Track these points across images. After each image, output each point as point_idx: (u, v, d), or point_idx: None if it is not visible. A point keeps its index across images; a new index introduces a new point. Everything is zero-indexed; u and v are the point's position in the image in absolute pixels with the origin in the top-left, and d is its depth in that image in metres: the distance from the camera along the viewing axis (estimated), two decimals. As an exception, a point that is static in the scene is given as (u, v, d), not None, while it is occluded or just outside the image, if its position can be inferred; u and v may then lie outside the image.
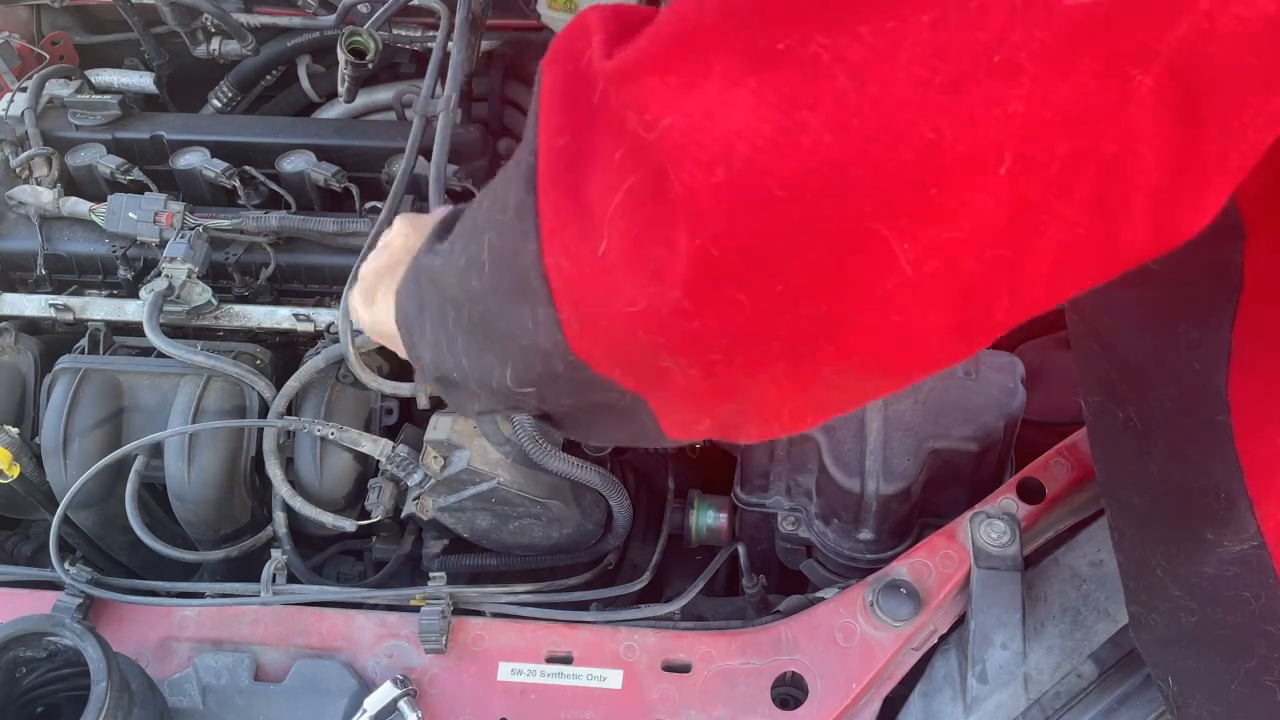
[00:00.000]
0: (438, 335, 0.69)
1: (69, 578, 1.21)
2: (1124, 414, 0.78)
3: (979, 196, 0.45)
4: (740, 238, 0.47)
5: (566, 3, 1.47)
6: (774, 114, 0.45)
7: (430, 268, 0.69)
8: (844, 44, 0.44)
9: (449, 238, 0.68)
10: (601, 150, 0.51)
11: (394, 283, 0.80)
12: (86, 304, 1.40)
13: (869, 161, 0.45)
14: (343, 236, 1.38)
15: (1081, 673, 1.10)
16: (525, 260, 0.55)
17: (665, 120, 0.47)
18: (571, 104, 0.53)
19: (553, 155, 0.53)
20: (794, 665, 1.13)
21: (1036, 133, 0.44)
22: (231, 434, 1.27)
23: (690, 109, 0.47)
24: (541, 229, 0.53)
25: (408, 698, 1.11)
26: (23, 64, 1.60)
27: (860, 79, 0.44)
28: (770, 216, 0.46)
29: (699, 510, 1.35)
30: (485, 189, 0.64)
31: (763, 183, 0.46)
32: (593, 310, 0.54)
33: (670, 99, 0.47)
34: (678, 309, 0.50)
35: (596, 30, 0.53)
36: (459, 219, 0.68)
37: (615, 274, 0.51)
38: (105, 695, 0.96)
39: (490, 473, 1.20)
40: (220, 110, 1.69)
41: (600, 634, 1.18)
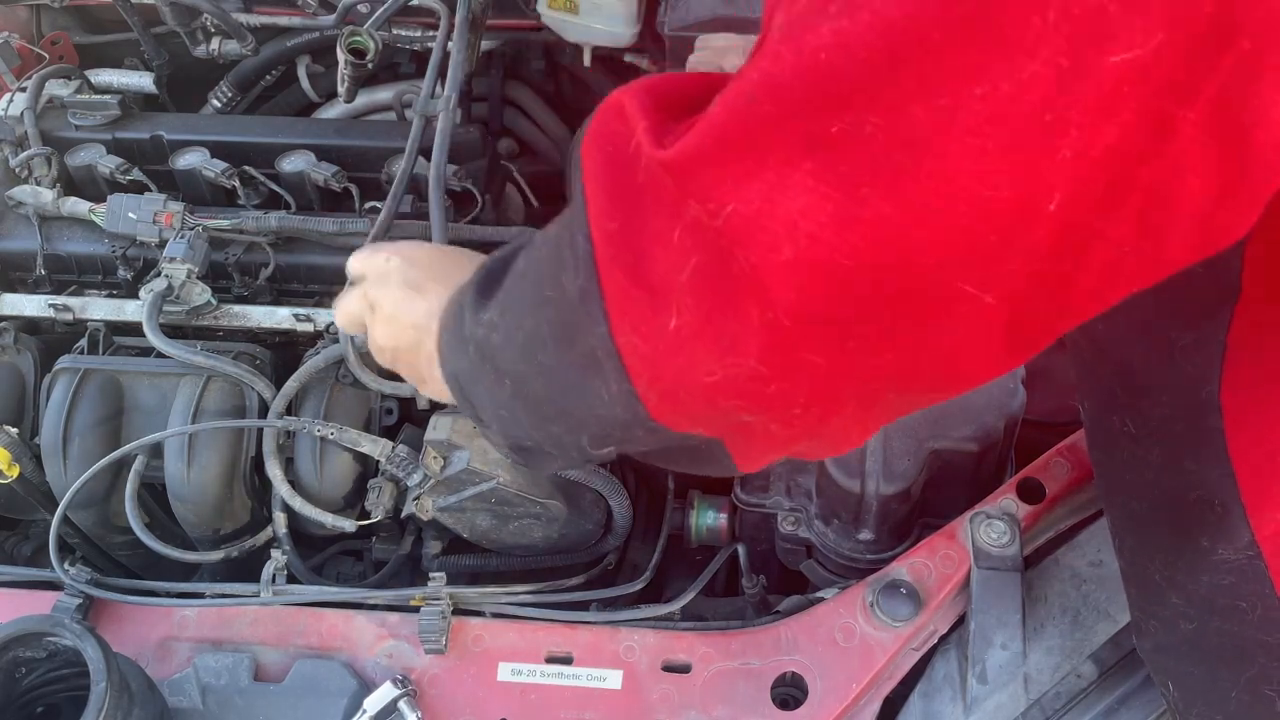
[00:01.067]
0: (499, 407, 0.71)
1: (69, 578, 1.21)
2: (1120, 420, 0.79)
3: (1032, 232, 0.48)
4: (811, 307, 0.50)
5: (566, 2, 1.47)
6: (834, 192, 0.48)
7: (480, 339, 0.70)
8: (898, 123, 0.46)
9: (492, 305, 0.69)
10: (658, 232, 0.53)
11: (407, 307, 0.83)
12: (86, 304, 1.40)
13: (929, 225, 0.47)
14: (342, 236, 1.38)
15: (1081, 673, 1.10)
16: (594, 340, 0.58)
17: (729, 207, 0.50)
18: (619, 188, 0.55)
19: (607, 239, 0.56)
20: (794, 665, 1.13)
21: (1083, 171, 0.46)
22: (231, 434, 1.27)
23: (752, 195, 0.49)
24: (609, 311, 0.56)
25: (407, 698, 1.11)
26: (22, 64, 1.60)
27: (916, 153, 0.46)
28: (838, 285, 0.50)
29: (699, 510, 1.35)
30: (528, 257, 0.66)
31: (829, 256, 0.49)
32: (671, 383, 0.57)
33: (732, 188, 0.50)
34: (755, 376, 0.53)
35: (637, 116, 0.55)
36: (500, 286, 0.70)
37: (690, 348, 0.54)
38: (105, 695, 0.96)
39: (490, 473, 1.20)
40: (220, 110, 1.69)
41: (600, 634, 1.18)
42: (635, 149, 0.54)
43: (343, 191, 1.41)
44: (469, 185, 1.41)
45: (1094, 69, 0.44)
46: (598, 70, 1.66)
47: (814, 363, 0.52)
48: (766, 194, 0.49)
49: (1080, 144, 0.45)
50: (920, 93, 0.46)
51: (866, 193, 0.47)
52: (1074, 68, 0.44)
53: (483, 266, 0.74)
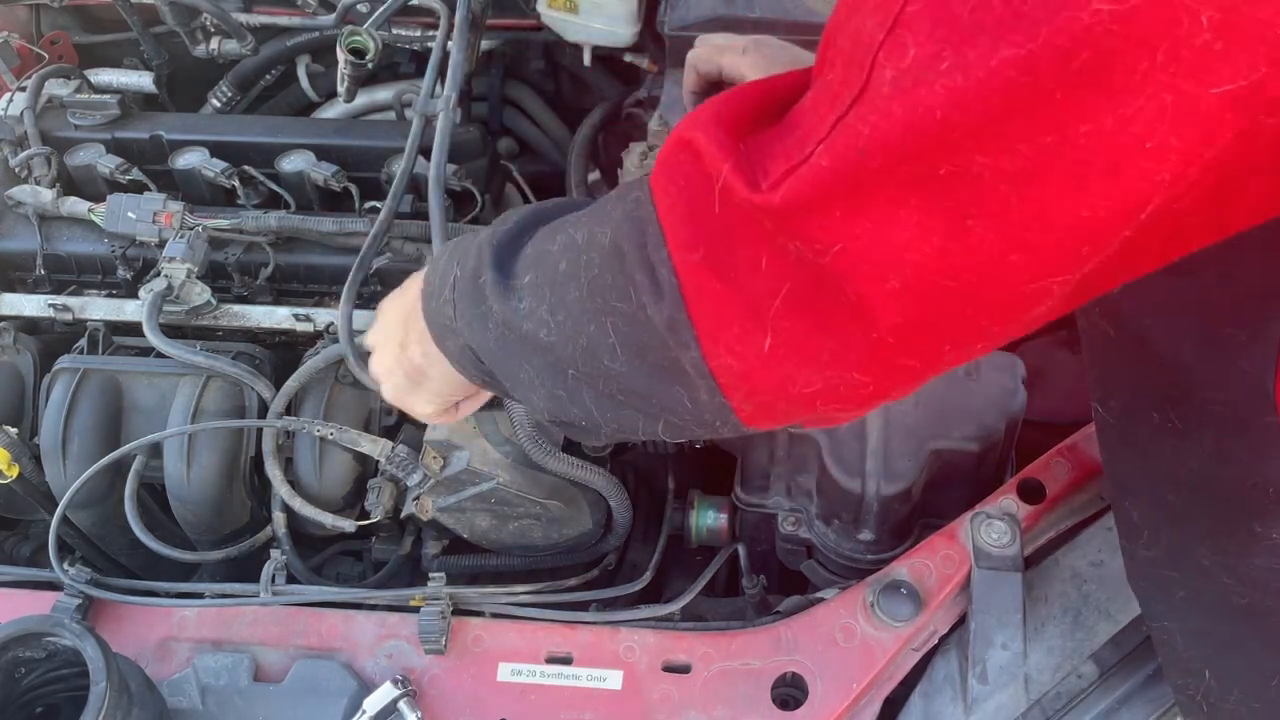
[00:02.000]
0: (554, 389, 0.71)
1: (68, 578, 1.21)
2: (1163, 416, 0.80)
3: (1122, 235, 0.51)
4: (914, 325, 0.55)
5: (566, 2, 1.47)
6: (940, 225, 0.51)
7: (516, 325, 0.70)
8: (1004, 160, 0.49)
9: (524, 293, 0.70)
10: (748, 262, 0.57)
11: (419, 325, 0.82)
12: (86, 304, 1.40)
13: (1029, 247, 0.51)
14: (342, 236, 1.38)
15: (1082, 673, 1.10)
16: (685, 363, 0.61)
17: (836, 247, 0.53)
18: (702, 223, 0.58)
19: (692, 270, 0.58)
20: (794, 666, 1.13)
21: (1179, 187, 0.49)
22: (231, 434, 1.27)
23: (858, 233, 0.52)
24: (701, 338, 0.59)
25: (407, 698, 1.11)
26: (22, 64, 1.60)
27: (1021, 186, 0.49)
28: (940, 304, 0.54)
29: (699, 510, 1.35)
30: (570, 258, 0.67)
31: (934, 281, 0.52)
32: (768, 397, 0.60)
33: (839, 230, 0.53)
34: (855, 384, 0.58)
35: (717, 156, 0.56)
36: (525, 271, 0.70)
37: (787, 365, 0.58)
38: (104, 695, 0.96)
39: (490, 473, 1.20)
40: (220, 110, 1.69)
41: (600, 634, 1.17)
42: (724, 190, 0.56)
43: (342, 191, 1.41)
44: (469, 185, 1.41)
45: (1197, 100, 0.46)
46: (598, 70, 1.66)
47: (911, 366, 0.57)
48: (873, 232, 0.52)
49: (1179, 166, 0.47)
50: (1028, 133, 0.48)
51: (971, 224, 0.51)
52: (1177, 101, 0.46)
53: (490, 242, 0.74)
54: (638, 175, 1.32)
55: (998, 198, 0.50)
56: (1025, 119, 0.47)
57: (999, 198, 0.50)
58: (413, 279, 0.88)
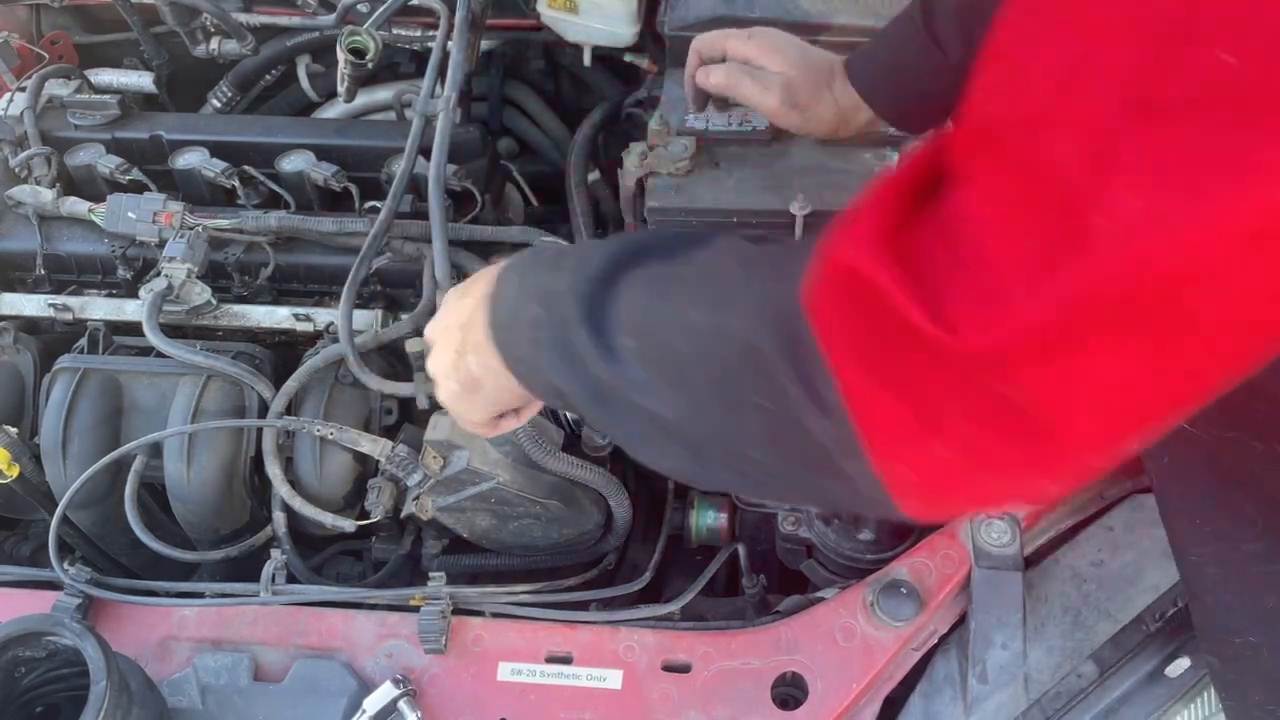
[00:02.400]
0: (676, 456, 0.70)
1: (68, 578, 1.21)
2: (1265, 445, 0.81)
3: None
4: (1113, 444, 0.54)
5: (567, 2, 1.47)
6: (1156, 366, 0.50)
7: (623, 391, 0.67)
8: (1237, 312, 0.48)
9: (629, 362, 0.66)
10: (923, 382, 0.53)
11: (477, 337, 0.80)
12: (86, 304, 1.40)
13: (1229, 369, 0.51)
14: (342, 236, 1.38)
15: (1082, 673, 1.10)
16: (849, 468, 0.57)
17: (1039, 391, 0.51)
18: (870, 345, 0.53)
19: (861, 388, 0.54)
20: (794, 665, 1.13)
21: None
22: (231, 434, 1.27)
23: (1064, 377, 0.50)
24: (871, 451, 0.55)
25: (407, 698, 1.11)
26: (22, 64, 1.60)
27: (1253, 333, 0.49)
28: (1145, 428, 0.53)
29: (699, 510, 1.35)
30: (693, 344, 0.63)
31: (1142, 414, 0.52)
32: (942, 500, 0.59)
33: (1043, 376, 0.50)
34: (1040, 489, 0.57)
35: (892, 287, 0.51)
36: (631, 326, 0.66)
37: (971, 476, 0.55)
38: (105, 695, 0.96)
39: (490, 473, 1.20)
40: (220, 110, 1.69)
41: (600, 634, 1.17)
42: (906, 325, 0.51)
43: (342, 191, 1.41)
44: (469, 185, 1.41)
45: None
46: (598, 70, 1.66)
47: (1102, 467, 0.55)
48: (1080, 374, 0.50)
49: None
50: (1267, 283, 0.47)
51: (1193, 367, 0.50)
52: None
53: (576, 292, 0.69)
54: (637, 175, 1.33)
55: (1225, 343, 0.49)
56: (1265, 267, 0.45)
57: (1226, 343, 0.49)
58: (475, 281, 0.86)
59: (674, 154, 1.31)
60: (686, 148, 1.31)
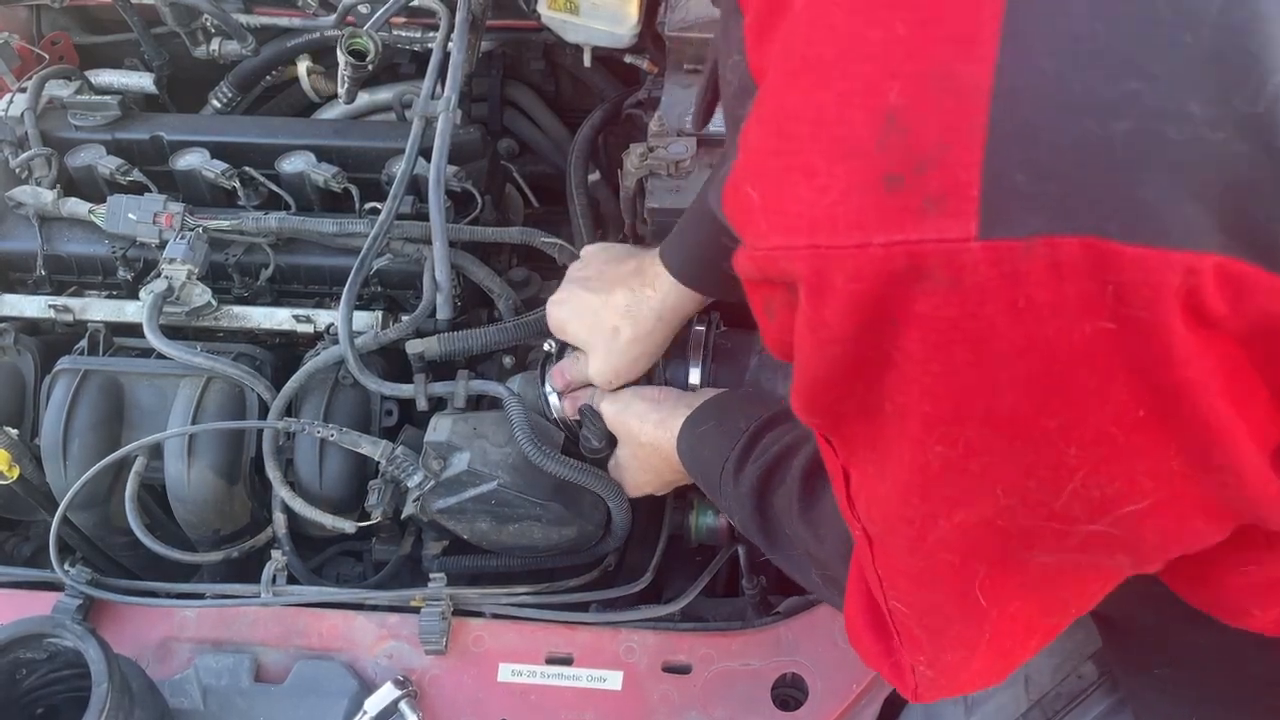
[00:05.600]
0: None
1: (69, 579, 1.21)
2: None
3: None
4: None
5: (567, 3, 1.47)
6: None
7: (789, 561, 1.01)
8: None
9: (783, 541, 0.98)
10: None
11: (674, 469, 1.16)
12: (86, 305, 1.40)
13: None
14: (342, 237, 1.38)
15: (1082, 674, 1.10)
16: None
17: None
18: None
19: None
20: (794, 666, 1.13)
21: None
22: (231, 435, 1.27)
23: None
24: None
25: (408, 699, 1.11)
26: (22, 64, 1.60)
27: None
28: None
29: (699, 511, 1.35)
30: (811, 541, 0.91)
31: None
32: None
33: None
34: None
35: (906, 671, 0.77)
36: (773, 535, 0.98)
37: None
38: (106, 696, 0.96)
39: (490, 474, 1.20)
40: (220, 111, 1.69)
41: (600, 635, 1.18)
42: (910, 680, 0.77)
43: (342, 192, 1.41)
44: (469, 186, 1.41)
45: None
46: (598, 71, 1.66)
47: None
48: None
49: None
50: None
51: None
52: None
53: (751, 496, 0.99)
54: (637, 176, 1.33)
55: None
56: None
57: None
58: (641, 435, 1.17)
59: (674, 154, 1.31)
60: (687, 148, 1.31)
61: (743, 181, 0.57)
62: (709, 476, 1.06)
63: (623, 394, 1.21)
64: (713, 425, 1.09)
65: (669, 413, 1.14)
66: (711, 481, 1.05)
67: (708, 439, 1.08)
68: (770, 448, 0.99)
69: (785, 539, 0.97)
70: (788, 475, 0.94)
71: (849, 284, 0.52)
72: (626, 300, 1.16)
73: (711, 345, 1.23)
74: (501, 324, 1.32)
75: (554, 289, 1.25)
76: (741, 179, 0.57)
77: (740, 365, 1.22)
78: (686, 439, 1.11)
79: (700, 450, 1.09)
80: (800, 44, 0.55)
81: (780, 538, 0.97)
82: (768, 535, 0.99)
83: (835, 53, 0.53)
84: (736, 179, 0.58)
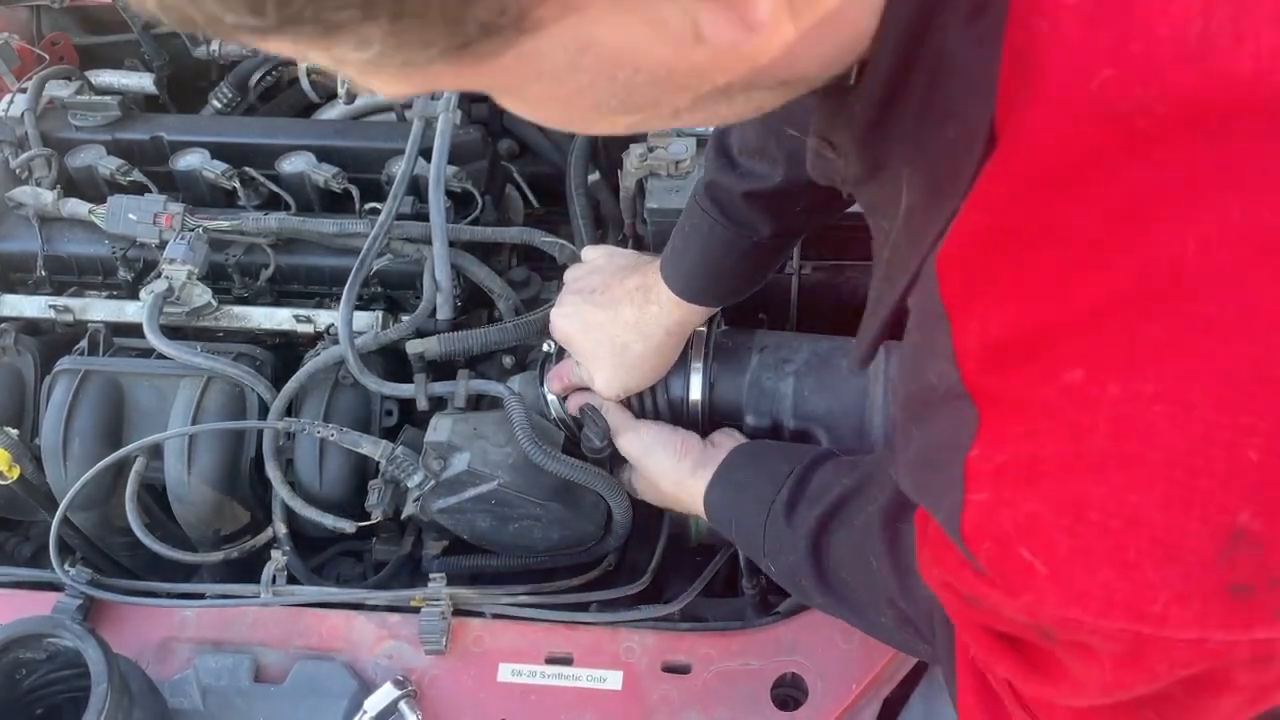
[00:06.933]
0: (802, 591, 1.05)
1: (69, 579, 1.21)
2: None
3: None
4: None
5: (566, 4, 1.47)
6: None
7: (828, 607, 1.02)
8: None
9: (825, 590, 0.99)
10: None
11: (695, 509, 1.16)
12: (86, 305, 1.40)
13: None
14: (342, 237, 1.38)
15: (1081, 674, 1.10)
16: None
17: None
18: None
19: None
20: (794, 666, 1.13)
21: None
22: (231, 435, 1.27)
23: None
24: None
25: (408, 699, 1.11)
26: (22, 64, 1.60)
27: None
28: None
29: (699, 511, 1.35)
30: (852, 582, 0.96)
31: None
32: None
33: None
34: None
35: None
36: (838, 584, 0.98)
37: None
38: (106, 697, 0.96)
39: (490, 474, 1.20)
40: (220, 111, 1.69)
41: (600, 635, 1.18)
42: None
43: (343, 193, 1.41)
44: (469, 186, 1.41)
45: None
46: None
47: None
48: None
49: None
50: None
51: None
52: None
53: (808, 552, 0.99)
54: (637, 176, 1.33)
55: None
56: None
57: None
58: (663, 484, 1.19)
59: (674, 154, 1.31)
60: (687, 148, 1.31)
61: (1013, 541, 0.55)
62: (747, 522, 1.06)
63: (642, 430, 1.20)
64: (750, 472, 1.10)
65: (695, 466, 1.15)
66: (750, 527, 1.05)
67: (746, 485, 1.08)
68: (828, 489, 0.99)
69: (843, 582, 0.96)
70: (856, 518, 0.94)
71: (1168, 665, 0.54)
72: (634, 316, 1.16)
73: (713, 344, 1.23)
74: (502, 324, 1.33)
75: (554, 289, 1.25)
76: (1010, 537, 0.56)
77: (741, 364, 1.22)
78: (719, 487, 1.11)
79: (738, 496, 1.09)
80: (1100, 434, 0.52)
81: (836, 581, 0.97)
82: (821, 579, 0.98)
83: (1160, 459, 0.50)
84: (1000, 533, 0.56)
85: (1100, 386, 0.51)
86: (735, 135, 1.04)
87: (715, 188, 1.06)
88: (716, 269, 1.12)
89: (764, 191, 1.02)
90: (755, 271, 1.14)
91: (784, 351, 1.23)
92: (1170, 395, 0.50)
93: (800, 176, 0.96)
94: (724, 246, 1.09)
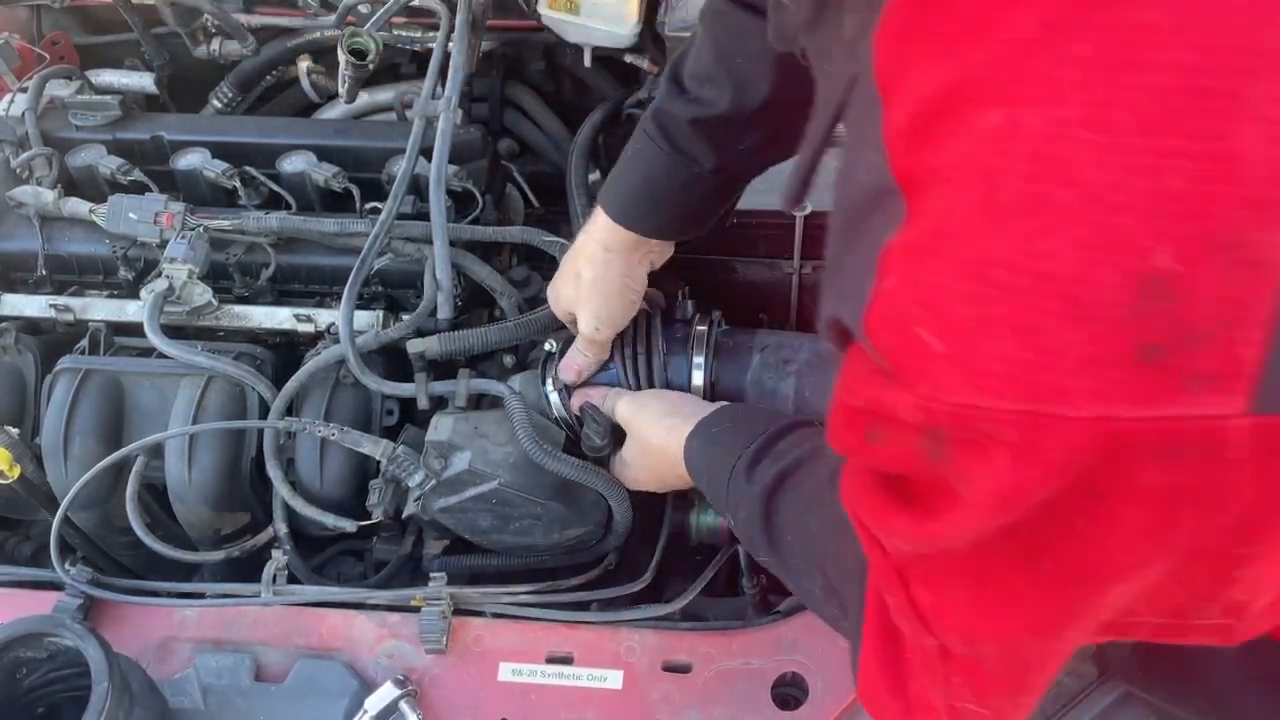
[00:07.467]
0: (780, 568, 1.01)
1: (69, 578, 1.21)
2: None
3: None
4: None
5: (567, 3, 1.47)
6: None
7: (781, 564, 0.98)
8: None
9: (785, 544, 0.95)
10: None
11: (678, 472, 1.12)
12: (87, 304, 1.40)
13: None
14: (343, 237, 1.38)
15: (1081, 673, 1.10)
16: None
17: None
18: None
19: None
20: (794, 665, 1.13)
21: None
22: (232, 435, 1.27)
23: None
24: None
25: (408, 698, 1.11)
26: (23, 64, 1.60)
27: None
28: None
29: (699, 510, 1.35)
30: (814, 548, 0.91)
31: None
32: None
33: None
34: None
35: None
36: (792, 542, 0.94)
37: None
38: (106, 696, 0.96)
39: (491, 474, 1.20)
40: (221, 111, 1.69)
41: (600, 634, 1.18)
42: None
43: (343, 192, 1.41)
44: (469, 186, 1.41)
45: None
46: (598, 71, 1.66)
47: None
48: None
49: None
50: None
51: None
52: None
53: (759, 509, 0.96)
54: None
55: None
56: None
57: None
58: (652, 437, 1.17)
59: (674, 155, 1.31)
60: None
61: (912, 322, 0.52)
62: (716, 473, 1.05)
63: (642, 393, 1.22)
64: (728, 426, 1.09)
65: (683, 419, 1.13)
66: (718, 478, 1.04)
67: (721, 437, 1.08)
68: (790, 451, 0.98)
69: (786, 544, 0.95)
70: (807, 481, 0.93)
71: (1067, 456, 0.48)
72: (579, 243, 1.20)
73: (714, 344, 1.23)
74: (502, 323, 1.33)
75: (555, 289, 1.26)
76: (909, 318, 0.52)
77: (742, 364, 1.22)
78: (698, 437, 1.10)
79: (711, 448, 1.08)
80: (1014, 176, 0.47)
81: (781, 542, 0.96)
82: (769, 537, 0.97)
83: (1076, 197, 0.45)
84: (899, 316, 0.53)
85: (1017, 123, 0.47)
86: (689, 63, 1.07)
87: (662, 114, 1.08)
88: (654, 195, 1.13)
89: (709, 119, 1.04)
90: (693, 209, 1.15)
91: (785, 351, 1.23)
92: (1093, 121, 0.45)
93: (746, 105, 1.02)
94: (664, 174, 1.10)
